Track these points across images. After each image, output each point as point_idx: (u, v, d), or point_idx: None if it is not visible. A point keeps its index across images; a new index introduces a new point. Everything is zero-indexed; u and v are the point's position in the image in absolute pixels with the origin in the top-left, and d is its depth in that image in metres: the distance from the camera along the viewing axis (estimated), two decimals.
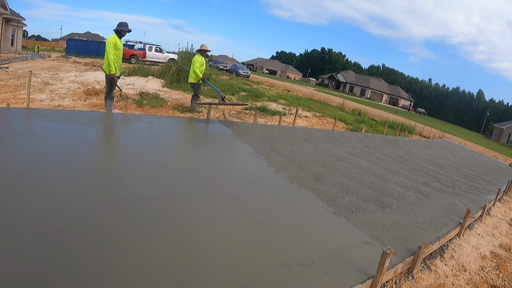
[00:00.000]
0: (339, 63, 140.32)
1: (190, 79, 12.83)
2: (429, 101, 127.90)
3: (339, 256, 4.05)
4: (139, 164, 5.65)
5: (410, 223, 5.70)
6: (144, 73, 21.24)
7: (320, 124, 17.27)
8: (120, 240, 3.45)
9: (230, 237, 3.95)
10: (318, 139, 11.17)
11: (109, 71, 9.20)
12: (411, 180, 8.82)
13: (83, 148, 5.71)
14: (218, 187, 5.33)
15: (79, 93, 13.06)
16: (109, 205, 4.13)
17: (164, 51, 37.17)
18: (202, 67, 12.73)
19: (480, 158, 23.63)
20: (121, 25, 9.18)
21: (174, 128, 8.34)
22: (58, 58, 34.35)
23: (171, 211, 4.27)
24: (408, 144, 17.38)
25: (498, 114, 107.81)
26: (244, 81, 34.15)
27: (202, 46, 12.83)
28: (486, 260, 5.85)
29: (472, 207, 7.63)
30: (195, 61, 12.42)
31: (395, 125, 25.80)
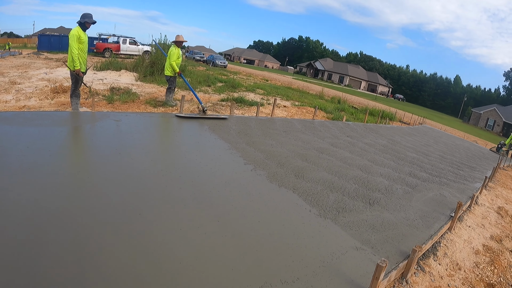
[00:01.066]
0: (317, 51, 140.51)
1: (166, 71, 12.25)
2: (407, 87, 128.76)
3: (327, 268, 3.60)
4: (103, 169, 5.09)
5: (400, 220, 5.31)
6: (117, 67, 20.66)
7: (300, 114, 16.90)
8: (74, 258, 2.97)
9: (202, 254, 3.44)
10: (298, 131, 10.72)
11: (73, 67, 8.59)
12: (397, 171, 8.47)
13: (43, 153, 5.09)
14: (189, 191, 4.80)
15: (46, 92, 12.52)
16: (66, 216, 3.61)
17: (139, 44, 36.47)
18: (179, 60, 12.15)
19: (461, 144, 23.62)
20: (85, 17, 8.54)
21: (144, 125, 7.77)
22: (30, 55, 33.35)
23: (135, 224, 3.73)
24: (390, 132, 17.09)
25: (476, 99, 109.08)
26: (221, 72, 33.81)
27: (178, 37, 12.09)
28: (479, 255, 5.58)
29: (461, 198, 7.41)
30: (172, 53, 11.79)
31: (375, 112, 25.61)
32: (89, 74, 17.07)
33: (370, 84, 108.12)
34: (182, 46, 12.50)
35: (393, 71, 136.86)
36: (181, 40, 12.06)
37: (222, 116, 10.30)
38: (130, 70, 20.11)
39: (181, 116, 9.39)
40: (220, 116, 10.32)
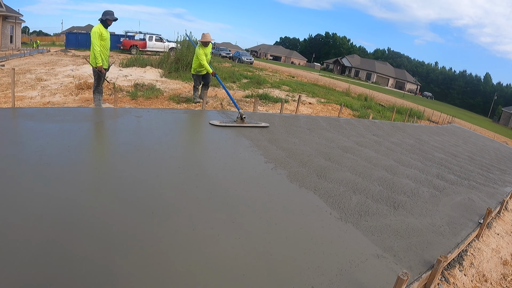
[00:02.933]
0: (343, 47, 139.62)
1: (192, 71, 11.97)
2: (435, 85, 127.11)
3: (345, 277, 3.38)
4: (119, 165, 5.02)
5: (426, 226, 5.05)
6: (142, 64, 20.83)
7: (325, 111, 16.67)
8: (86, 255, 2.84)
9: (213, 256, 3.28)
10: (322, 128, 10.49)
11: (95, 64, 8.70)
12: (424, 172, 8.18)
13: (61, 149, 5.04)
14: (205, 190, 4.65)
15: (71, 88, 12.67)
16: (78, 211, 3.53)
17: (165, 40, 36.73)
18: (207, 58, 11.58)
19: (491, 145, 23.05)
20: (106, 14, 8.63)
21: (165, 121, 7.67)
22: (57, 53, 33.92)
23: (146, 223, 3.61)
24: (417, 131, 16.70)
25: (506, 98, 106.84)
26: (247, 68, 33.73)
27: (204, 37, 11.33)
28: (507, 266, 5.29)
29: (490, 203, 7.08)
30: (198, 54, 11.21)
31: (403, 110, 25.26)
32: (114, 71, 17.23)
33: (397, 81, 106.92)
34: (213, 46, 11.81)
35: (421, 68, 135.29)
36: (207, 40, 11.38)
37: (263, 125, 9.03)
38: (155, 67, 20.25)
39: (216, 125, 8.17)
40: (260, 124, 9.03)
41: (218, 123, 8.20)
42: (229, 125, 8.35)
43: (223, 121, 8.54)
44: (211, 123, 8.15)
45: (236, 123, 8.54)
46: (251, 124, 8.77)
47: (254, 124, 8.90)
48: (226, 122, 8.53)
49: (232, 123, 8.50)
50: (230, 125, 8.35)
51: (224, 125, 8.21)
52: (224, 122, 8.41)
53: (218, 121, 8.40)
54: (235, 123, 8.56)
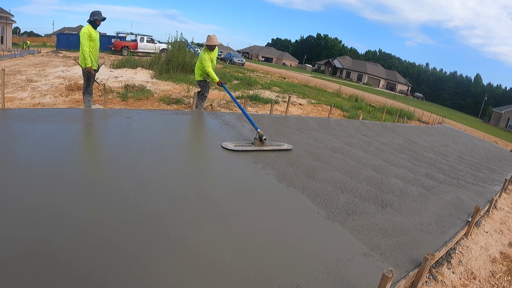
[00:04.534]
0: (335, 49, 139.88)
1: (196, 76, 9.98)
2: (426, 86, 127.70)
3: (331, 275, 3.38)
4: (107, 166, 5.02)
5: (413, 225, 5.06)
6: (133, 65, 20.77)
7: (315, 112, 16.72)
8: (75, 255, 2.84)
9: (200, 255, 3.28)
10: (312, 129, 10.48)
11: (85, 65, 8.62)
12: (412, 172, 8.20)
13: (51, 151, 4.99)
14: (192, 190, 4.65)
15: (61, 89, 12.62)
16: (67, 212, 3.50)
17: (156, 42, 36.64)
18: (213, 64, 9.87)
19: (481, 144, 23.16)
20: (94, 15, 8.54)
21: (154, 122, 7.61)
22: (48, 54, 33.71)
23: (133, 223, 3.59)
24: (407, 131, 16.73)
25: (496, 99, 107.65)
26: (238, 69, 33.80)
27: (210, 39, 9.41)
28: (496, 263, 5.34)
29: (479, 201, 7.13)
30: (202, 59, 9.39)
31: (393, 111, 25.36)
32: (105, 72, 17.17)
33: (389, 82, 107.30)
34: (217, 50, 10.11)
35: (412, 69, 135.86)
36: (214, 43, 9.49)
37: (286, 148, 7.55)
38: (146, 68, 20.23)
39: (230, 149, 6.68)
40: (283, 147, 7.54)
41: (232, 147, 6.79)
42: (247, 149, 6.90)
43: (238, 143, 7.09)
44: (224, 147, 6.72)
45: (255, 147, 7.12)
46: (272, 147, 7.34)
47: (276, 147, 7.46)
48: (242, 144, 7.09)
49: (249, 147, 7.06)
50: (248, 149, 6.91)
51: (241, 149, 6.78)
52: (239, 145, 7.01)
53: (232, 143, 6.98)
54: (254, 146, 7.13)
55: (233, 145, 6.86)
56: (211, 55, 9.60)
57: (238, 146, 6.89)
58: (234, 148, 6.75)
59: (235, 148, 6.76)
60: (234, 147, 6.77)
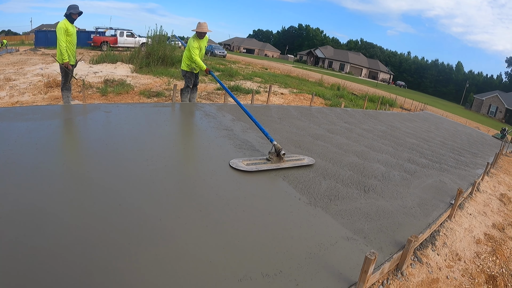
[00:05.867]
0: (317, 39, 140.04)
1: (182, 65, 9.59)
2: (408, 74, 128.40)
3: (314, 260, 3.34)
4: (87, 161, 4.92)
5: (396, 208, 5.05)
6: (112, 60, 20.53)
7: (297, 101, 16.71)
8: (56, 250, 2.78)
9: (179, 245, 3.23)
10: (294, 117, 10.43)
11: (62, 60, 8.42)
12: (395, 157, 8.20)
13: (29, 148, 4.86)
14: (173, 181, 4.59)
15: (40, 87, 12.39)
16: (47, 209, 3.40)
17: (136, 36, 36.29)
18: (201, 53, 9.43)
19: (463, 130, 23.38)
20: (70, 8, 8.29)
21: (134, 116, 7.48)
22: (26, 52, 33.18)
23: (113, 215, 3.52)
24: (389, 118, 16.80)
25: (478, 86, 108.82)
26: (220, 61, 33.66)
27: (200, 26, 8.90)
28: (480, 244, 5.36)
29: (462, 184, 7.15)
30: (190, 47, 8.92)
31: (375, 98, 25.45)
32: (84, 68, 16.97)
33: (371, 71, 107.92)
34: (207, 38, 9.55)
35: (394, 58, 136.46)
36: (203, 31, 8.95)
37: (307, 163, 6.27)
38: (126, 62, 20.00)
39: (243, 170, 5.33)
40: (303, 161, 6.30)
41: (244, 166, 5.47)
42: (263, 168, 5.57)
43: (250, 160, 5.82)
44: (234, 167, 5.37)
45: (271, 164, 5.82)
46: (292, 163, 6.07)
47: (295, 162, 6.21)
48: (255, 162, 5.79)
49: (265, 164, 5.75)
50: (264, 168, 5.58)
51: (256, 169, 5.46)
52: (253, 162, 5.74)
53: (243, 160, 5.69)
54: (270, 163, 5.84)
55: (245, 164, 5.55)
56: (200, 43, 9.18)
57: (252, 165, 5.58)
58: (247, 168, 5.41)
59: (248, 168, 5.43)
60: (246, 167, 5.44)
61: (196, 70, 9.55)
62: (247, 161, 5.69)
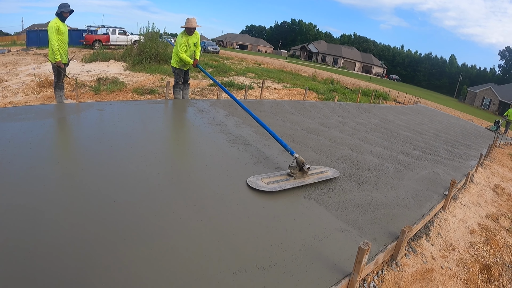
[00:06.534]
0: (310, 33, 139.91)
1: (172, 61, 9.55)
2: (402, 68, 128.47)
3: (308, 252, 3.36)
4: (81, 158, 4.91)
5: (390, 200, 5.07)
6: (105, 58, 20.45)
7: (291, 96, 16.73)
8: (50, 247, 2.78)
9: (175, 240, 3.24)
10: (287, 112, 10.44)
11: (54, 59, 8.33)
12: (388, 149, 8.23)
13: (23, 147, 4.85)
14: (167, 177, 4.58)
15: (32, 87, 12.31)
16: (40, 206, 3.41)
17: (128, 34, 36.10)
18: (190, 50, 9.30)
19: (456, 122, 23.44)
20: (61, 7, 8.22)
21: (127, 113, 7.47)
22: (18, 52, 32.94)
23: (108, 210, 3.53)
24: (383, 111, 16.84)
25: (471, 79, 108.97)
26: (213, 57, 33.65)
27: (188, 22, 8.91)
28: (475, 234, 5.37)
29: (455, 176, 7.17)
30: (178, 43, 8.96)
31: (369, 92, 25.46)
32: (77, 67, 16.90)
33: (364, 65, 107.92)
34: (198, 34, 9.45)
35: (387, 52, 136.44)
36: (192, 26, 8.95)
37: (331, 176, 5.51)
38: (119, 60, 19.94)
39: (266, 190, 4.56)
40: (328, 175, 5.51)
41: (265, 185, 4.72)
42: (288, 186, 4.78)
43: (269, 176, 5.06)
44: (254, 186, 4.62)
45: (294, 180, 5.04)
46: (317, 177, 5.33)
47: (319, 175, 5.46)
48: (276, 178, 5.01)
49: (287, 181, 4.96)
50: (288, 186, 4.79)
51: (279, 188, 4.67)
52: (273, 180, 4.94)
53: (262, 178, 4.93)
54: (293, 179, 5.06)
55: (266, 182, 4.79)
56: (189, 39, 9.12)
57: (273, 183, 4.81)
58: (269, 187, 4.65)
59: (271, 187, 4.66)
60: (268, 186, 4.68)
61: (187, 67, 9.57)
62: (267, 179, 4.93)
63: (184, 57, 9.01)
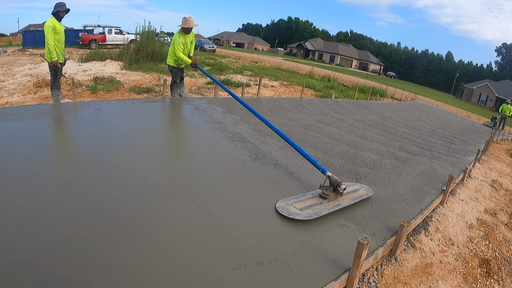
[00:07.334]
0: (306, 31, 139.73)
1: (168, 60, 9.40)
2: (399, 65, 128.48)
3: (307, 247, 3.37)
4: (78, 157, 4.91)
5: (388, 195, 5.08)
6: (101, 57, 20.31)
7: (288, 93, 16.74)
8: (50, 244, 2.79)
9: (174, 237, 3.24)
10: (284, 109, 10.44)
11: (50, 59, 8.31)
12: (386, 145, 8.23)
13: (21, 147, 4.83)
14: (165, 174, 4.59)
15: (29, 87, 12.26)
16: (39, 205, 3.42)
17: (124, 33, 35.99)
18: (187, 49, 9.23)
19: (454, 118, 23.46)
20: (57, 6, 8.16)
21: (124, 112, 7.44)
22: (14, 53, 32.80)
23: (107, 211, 3.52)
24: (380, 108, 16.85)
25: (468, 75, 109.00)
26: (210, 56, 33.53)
27: (185, 21, 8.75)
28: (473, 229, 5.38)
29: (453, 171, 7.17)
30: (175, 42, 8.80)
31: (366, 89, 25.51)
32: (73, 66, 16.84)
33: (361, 62, 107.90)
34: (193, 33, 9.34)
35: (384, 49, 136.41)
36: (189, 25, 8.81)
37: (366, 195, 4.85)
38: (116, 59, 19.85)
39: (300, 219, 3.88)
40: (362, 194, 4.87)
41: (298, 211, 4.05)
42: (324, 212, 4.11)
43: (299, 198, 4.43)
44: (286, 214, 3.93)
45: (328, 203, 4.40)
46: (352, 198, 4.68)
47: (352, 194, 4.83)
48: (308, 202, 4.36)
49: (321, 204, 4.31)
50: (325, 212, 4.12)
51: (316, 215, 4.00)
52: (306, 204, 4.27)
53: (293, 203, 4.26)
54: (327, 201, 4.42)
55: (298, 208, 4.13)
56: (186, 39, 9.01)
57: (307, 208, 4.17)
58: (304, 214, 4.00)
59: (306, 214, 4.01)
60: (302, 213, 4.03)
61: (183, 65, 9.51)
62: (299, 203, 4.28)
63: (181, 57, 8.92)
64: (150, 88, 12.57)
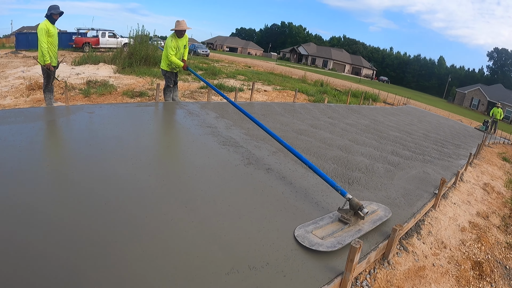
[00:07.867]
0: (300, 36, 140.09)
1: (161, 64, 9.38)
2: (391, 69, 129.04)
3: (300, 251, 3.37)
4: (71, 161, 4.88)
5: (381, 199, 5.10)
6: (95, 61, 20.24)
7: (281, 98, 16.76)
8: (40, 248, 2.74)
9: (166, 241, 3.23)
10: (277, 113, 10.45)
11: (43, 62, 8.23)
12: (378, 150, 8.26)
13: (12, 150, 4.80)
14: (158, 178, 4.57)
15: (21, 90, 12.20)
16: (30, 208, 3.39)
17: (118, 36, 35.94)
18: (180, 52, 9.17)
19: (446, 122, 23.59)
20: (51, 9, 8.09)
21: (117, 116, 7.45)
22: (7, 55, 32.64)
23: (99, 215, 3.49)
24: (373, 112, 16.92)
25: (460, 79, 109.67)
26: (203, 60, 33.53)
27: (178, 24, 8.73)
28: (465, 232, 5.42)
29: (445, 175, 7.22)
30: (167, 46, 8.79)
31: (358, 93, 25.57)
32: (66, 69, 16.77)
33: (354, 67, 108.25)
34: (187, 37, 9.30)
35: (377, 54, 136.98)
36: (182, 28, 8.77)
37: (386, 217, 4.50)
38: (109, 63, 19.78)
39: (323, 250, 3.46)
40: (382, 216, 4.50)
41: (320, 240, 3.65)
42: (348, 241, 3.63)
43: (318, 224, 4.04)
44: (307, 245, 3.51)
45: (349, 228, 4.04)
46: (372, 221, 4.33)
47: (373, 217, 4.45)
48: (328, 227, 4.00)
49: (342, 231, 3.95)
50: (349, 241, 3.64)
51: (340, 245, 3.59)
52: (327, 232, 3.86)
53: (313, 230, 3.85)
54: (348, 226, 4.05)
55: (320, 237, 3.73)
56: (179, 42, 8.95)
57: (329, 237, 3.77)
58: (327, 244, 3.59)
59: (328, 244, 3.61)
60: (324, 242, 3.62)
61: (177, 69, 9.48)
62: (319, 230, 3.90)
63: (174, 60, 8.89)
64: (143, 92, 12.55)
